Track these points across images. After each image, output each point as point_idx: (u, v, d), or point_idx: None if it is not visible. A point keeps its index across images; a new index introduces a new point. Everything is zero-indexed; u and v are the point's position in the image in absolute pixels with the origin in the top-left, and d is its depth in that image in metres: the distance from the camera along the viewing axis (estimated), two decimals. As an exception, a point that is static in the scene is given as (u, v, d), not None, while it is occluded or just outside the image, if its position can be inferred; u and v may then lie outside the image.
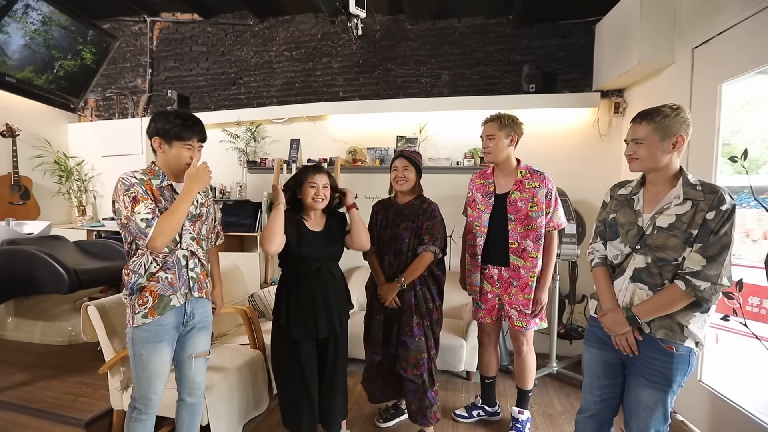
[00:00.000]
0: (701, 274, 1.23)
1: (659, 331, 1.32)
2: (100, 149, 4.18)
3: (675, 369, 1.31)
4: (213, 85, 3.98)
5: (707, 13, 2.19)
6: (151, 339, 1.48)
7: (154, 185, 1.47)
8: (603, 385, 1.49)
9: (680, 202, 1.29)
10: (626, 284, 1.39)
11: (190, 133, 1.49)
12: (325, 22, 3.66)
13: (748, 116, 2.15)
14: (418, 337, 1.93)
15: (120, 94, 4.21)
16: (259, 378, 2.26)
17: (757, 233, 2.10)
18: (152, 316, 1.46)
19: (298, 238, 1.75)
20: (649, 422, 1.36)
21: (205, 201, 1.64)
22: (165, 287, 1.48)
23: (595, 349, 1.52)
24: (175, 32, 4.06)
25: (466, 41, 3.40)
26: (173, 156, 1.49)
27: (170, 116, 1.47)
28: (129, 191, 1.39)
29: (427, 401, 1.95)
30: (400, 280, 1.91)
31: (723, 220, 1.23)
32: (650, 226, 1.34)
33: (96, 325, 1.92)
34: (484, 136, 2.00)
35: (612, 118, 3.10)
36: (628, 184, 1.50)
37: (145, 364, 1.49)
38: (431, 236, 1.92)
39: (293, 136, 3.69)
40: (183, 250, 1.53)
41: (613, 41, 2.85)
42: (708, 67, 2.20)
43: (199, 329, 1.62)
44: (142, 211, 1.38)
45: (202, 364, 1.66)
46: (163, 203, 1.47)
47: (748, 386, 2.01)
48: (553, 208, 1.98)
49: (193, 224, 1.57)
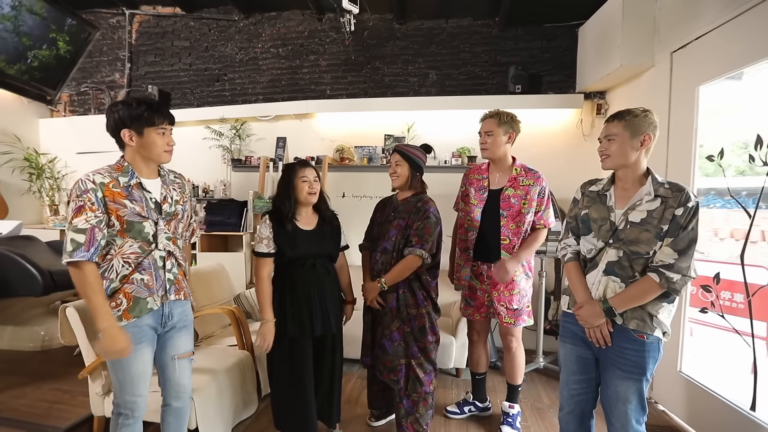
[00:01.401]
0: (674, 266, 1.31)
1: (632, 321, 1.38)
2: (75, 146, 4.00)
3: (647, 357, 1.37)
4: (196, 81, 3.88)
5: (685, 19, 2.29)
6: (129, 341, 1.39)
7: (121, 183, 1.36)
8: (578, 380, 1.52)
9: (651, 198, 1.37)
10: (599, 277, 1.44)
11: (161, 117, 1.39)
12: (312, 19, 3.63)
13: (720, 119, 2.25)
14: (397, 342, 1.85)
15: (96, 88, 4.04)
16: (247, 379, 2.21)
17: (725, 232, 2.20)
18: (126, 318, 1.37)
19: (291, 241, 1.72)
20: (629, 414, 1.39)
21: (180, 198, 1.53)
22: (141, 289, 1.39)
23: (569, 345, 1.55)
24: (155, 26, 3.94)
25: (453, 42, 3.43)
26: (147, 145, 1.38)
27: (132, 103, 1.35)
28: (80, 197, 1.28)
29: (402, 410, 1.87)
30: (381, 281, 1.83)
31: (690, 216, 1.32)
32: (623, 222, 1.41)
33: (75, 328, 1.83)
34: (482, 132, 2.00)
35: (594, 119, 3.19)
36: (598, 182, 1.56)
37: (125, 367, 1.40)
38: (420, 239, 1.80)
39: (279, 134, 3.64)
40: (160, 251, 1.43)
41: (596, 45, 2.94)
42: (686, 71, 2.29)
43: (179, 329, 1.54)
44: (79, 225, 1.27)
45: (187, 366, 1.58)
46: (131, 205, 1.35)
47: (722, 374, 2.10)
48: (544, 206, 1.99)
49: (168, 223, 1.46)
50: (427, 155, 1.97)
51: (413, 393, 1.85)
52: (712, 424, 2.02)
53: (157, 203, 1.44)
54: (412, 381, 1.85)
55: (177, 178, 1.58)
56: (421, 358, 1.86)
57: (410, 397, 1.86)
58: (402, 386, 1.86)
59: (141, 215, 1.38)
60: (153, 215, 1.41)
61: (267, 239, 1.76)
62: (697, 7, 2.19)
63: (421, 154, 1.94)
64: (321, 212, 1.84)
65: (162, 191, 1.47)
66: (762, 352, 1.87)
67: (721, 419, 1.95)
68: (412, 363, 1.85)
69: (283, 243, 1.72)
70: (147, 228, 1.40)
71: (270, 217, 1.77)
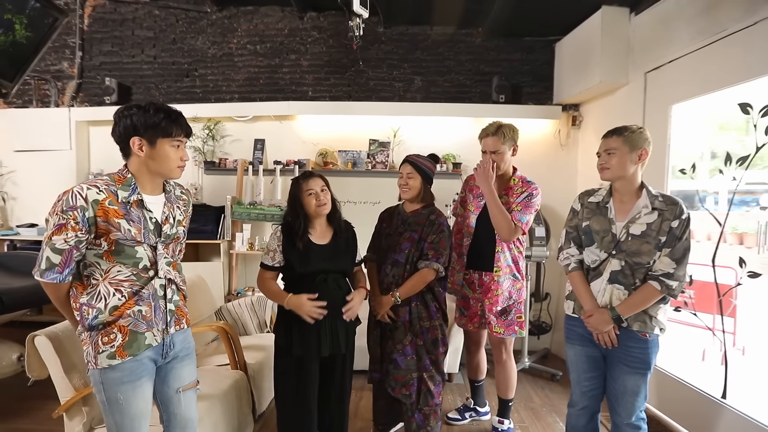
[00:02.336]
0: (673, 275, 1.43)
1: (635, 323, 1.51)
2: (12, 143, 3.51)
3: (650, 352, 1.51)
4: (162, 75, 3.56)
5: (659, 43, 2.49)
6: (127, 378, 1.22)
7: (120, 198, 1.20)
8: (589, 378, 1.63)
9: (649, 211, 1.48)
10: (604, 285, 1.55)
11: (179, 127, 1.24)
12: (293, 17, 3.48)
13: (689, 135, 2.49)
14: (410, 356, 1.82)
15: (39, 78, 3.56)
16: (243, 401, 2.06)
17: (700, 235, 2.44)
18: (121, 356, 1.20)
19: (303, 257, 1.64)
20: (636, 404, 1.54)
21: (183, 218, 1.38)
22: (138, 322, 1.22)
23: (578, 346, 1.65)
24: (112, 12, 3.56)
25: (438, 49, 3.46)
26: (158, 158, 1.23)
27: (149, 109, 1.20)
28: (65, 213, 1.12)
29: (414, 424, 1.84)
30: (395, 295, 1.79)
31: (684, 227, 1.44)
32: (624, 234, 1.51)
33: (48, 360, 1.58)
34: (487, 150, 1.96)
35: (570, 130, 3.39)
36: (596, 193, 1.65)
37: (124, 408, 1.23)
38: (436, 252, 1.80)
39: (257, 135, 3.46)
40: (160, 279, 1.27)
41: (574, 60, 3.12)
42: (660, 90, 2.50)
43: (182, 358, 1.38)
44: (57, 244, 1.13)
45: (192, 397, 1.43)
46: (126, 227, 1.18)
47: (693, 367, 2.33)
48: (522, 208, 1.92)
49: (167, 246, 1.30)
50: (436, 165, 1.96)
51: (425, 406, 1.84)
52: (685, 411, 2.22)
53: (157, 224, 1.27)
54: (423, 394, 1.84)
55: (183, 194, 1.42)
56: (432, 370, 1.85)
57: (422, 410, 1.84)
58: (414, 400, 1.83)
59: (135, 239, 1.21)
60: (151, 238, 1.25)
61: (274, 252, 1.67)
62: (670, 33, 2.39)
63: (432, 165, 1.92)
64: (334, 224, 1.76)
65: (164, 210, 1.30)
66: (730, 345, 2.09)
67: (694, 407, 2.15)
68: (424, 376, 1.83)
69: (293, 258, 1.63)
70: (140, 253, 1.23)
71: (281, 230, 1.67)
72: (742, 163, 1.97)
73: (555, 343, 3.42)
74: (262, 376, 2.28)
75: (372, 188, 3.43)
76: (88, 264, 1.21)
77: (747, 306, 2.38)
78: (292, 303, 1.61)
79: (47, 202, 1.21)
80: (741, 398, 1.96)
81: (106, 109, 3.37)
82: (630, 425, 1.56)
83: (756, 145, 1.91)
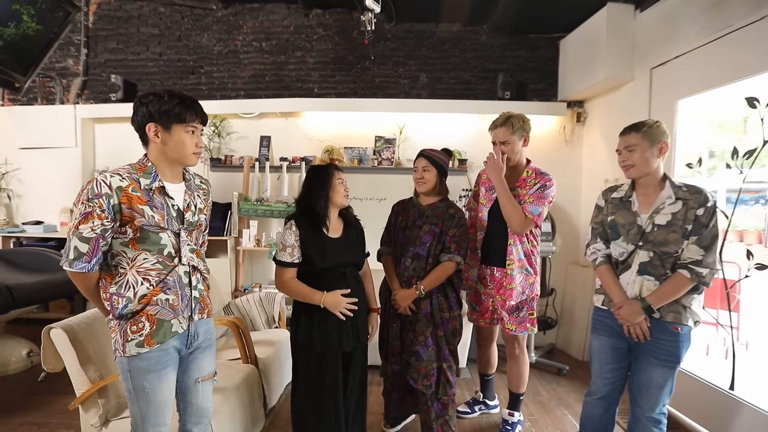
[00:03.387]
0: (702, 262, 1.42)
1: (669, 315, 1.49)
2: (18, 140, 3.50)
3: (681, 346, 1.49)
4: (167, 73, 3.56)
5: (664, 40, 2.51)
6: (154, 367, 1.25)
7: (142, 185, 1.22)
8: (612, 369, 1.63)
9: (672, 201, 1.48)
10: (633, 277, 1.54)
11: (193, 113, 1.25)
12: (298, 14, 3.49)
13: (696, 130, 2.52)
14: (431, 347, 1.85)
15: (44, 75, 3.56)
16: (255, 395, 2.07)
17: None
18: (149, 345, 1.23)
19: (320, 250, 1.63)
20: (660, 398, 1.53)
21: (204, 206, 1.40)
22: (165, 310, 1.26)
23: (604, 337, 1.65)
24: (117, 9, 3.56)
25: (443, 46, 3.48)
26: (173, 144, 1.25)
27: (164, 96, 1.23)
28: (90, 202, 1.15)
29: (433, 413, 1.88)
30: (419, 288, 1.81)
31: (711, 215, 1.43)
32: (650, 225, 1.51)
33: (64, 352, 1.59)
34: (497, 141, 1.96)
35: (575, 126, 3.41)
36: (619, 189, 1.66)
37: (150, 397, 1.25)
38: (458, 245, 1.84)
39: (263, 132, 3.46)
40: (184, 266, 1.30)
41: (579, 57, 3.13)
42: (665, 86, 2.52)
43: (203, 349, 1.41)
44: (84, 233, 1.15)
45: (210, 388, 1.45)
46: (149, 213, 1.21)
47: (701, 360, 2.35)
48: (535, 200, 1.89)
49: (190, 234, 1.33)
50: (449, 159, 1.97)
51: (444, 396, 1.87)
52: (692, 402, 2.24)
53: (179, 211, 1.29)
54: (442, 384, 1.87)
55: (203, 183, 1.43)
56: (451, 360, 1.89)
57: (441, 400, 1.88)
58: (433, 390, 1.86)
59: (159, 225, 1.23)
60: (174, 225, 1.27)
61: (292, 247, 1.63)
62: (676, 29, 2.42)
63: (446, 158, 1.93)
64: (345, 217, 1.77)
65: (186, 198, 1.32)
66: (737, 339, 2.11)
67: (702, 399, 2.17)
68: (443, 366, 1.86)
69: (311, 251, 1.62)
70: (164, 240, 1.26)
71: (296, 223, 1.65)
72: (749, 157, 1.99)
73: (560, 339, 3.44)
74: (272, 371, 2.29)
75: (378, 185, 3.44)
76: (115, 254, 1.23)
77: (750, 301, 2.41)
78: (329, 302, 1.59)
79: (53, 199, 1.22)
80: (749, 390, 1.98)
81: (112, 106, 3.38)
82: (650, 419, 1.54)
83: (763, 138, 1.93)
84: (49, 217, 3.43)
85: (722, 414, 2.03)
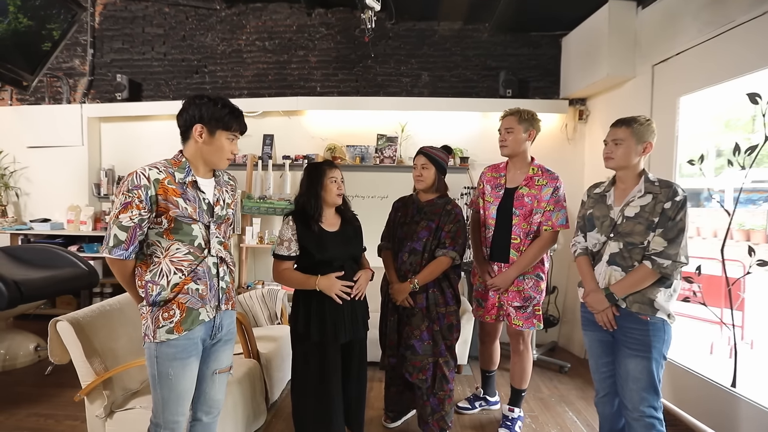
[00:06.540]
0: (663, 253, 1.46)
1: (633, 305, 1.52)
2: (25, 139, 3.56)
3: (651, 335, 1.49)
4: (171, 72, 3.60)
5: (666, 36, 2.50)
6: (179, 355, 1.30)
7: (177, 179, 1.29)
8: (606, 363, 1.66)
9: (642, 194, 1.53)
10: (604, 268, 1.60)
11: (238, 124, 1.36)
12: (301, 13, 3.52)
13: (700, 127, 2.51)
14: (427, 342, 1.87)
15: (51, 75, 3.61)
16: (257, 389, 2.10)
17: (707, 231, 2.45)
18: (178, 332, 1.29)
19: (318, 242, 1.67)
20: (640, 394, 1.49)
21: (231, 201, 1.48)
22: (194, 299, 1.32)
23: (590, 331, 1.69)
24: (123, 10, 3.61)
25: (445, 44, 3.49)
26: (214, 147, 1.33)
27: (217, 103, 1.31)
28: (130, 192, 1.22)
29: (429, 408, 1.89)
30: (413, 282, 1.84)
31: (678, 209, 1.47)
32: (620, 217, 1.57)
33: (70, 344, 1.63)
34: (502, 129, 2.01)
35: (577, 124, 3.40)
36: (601, 184, 1.72)
37: (173, 384, 1.31)
38: (453, 241, 1.86)
39: (266, 131, 3.49)
40: (212, 257, 1.36)
41: (581, 54, 3.13)
42: (667, 82, 2.52)
43: (225, 342, 1.46)
44: (123, 222, 1.22)
45: (224, 381, 1.51)
46: (183, 205, 1.28)
47: (703, 358, 2.34)
48: (555, 207, 1.96)
49: (219, 227, 1.40)
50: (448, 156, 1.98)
51: (440, 391, 1.88)
52: (693, 399, 2.23)
53: (209, 205, 1.36)
54: (439, 379, 1.87)
55: (230, 180, 1.51)
56: (447, 355, 1.89)
57: (437, 395, 1.88)
58: (429, 385, 1.87)
59: (192, 217, 1.30)
60: (205, 218, 1.34)
61: (289, 241, 1.68)
62: (678, 26, 2.41)
63: (445, 156, 1.95)
64: (343, 213, 1.79)
65: (215, 192, 1.40)
66: (738, 338, 2.10)
67: (704, 396, 2.16)
68: (440, 361, 1.87)
69: (309, 245, 1.66)
70: (196, 231, 1.32)
71: (294, 219, 1.69)
72: (751, 153, 1.98)
73: (562, 336, 3.44)
74: (274, 366, 2.32)
75: (380, 183, 3.46)
76: (151, 243, 1.29)
77: (755, 300, 2.39)
78: (323, 284, 1.62)
79: (60, 198, 1.25)
80: (751, 388, 1.97)
81: (117, 105, 3.42)
82: (637, 420, 1.50)
83: (765, 134, 1.92)
84: (56, 214, 3.48)
85: (723, 410, 2.02)
